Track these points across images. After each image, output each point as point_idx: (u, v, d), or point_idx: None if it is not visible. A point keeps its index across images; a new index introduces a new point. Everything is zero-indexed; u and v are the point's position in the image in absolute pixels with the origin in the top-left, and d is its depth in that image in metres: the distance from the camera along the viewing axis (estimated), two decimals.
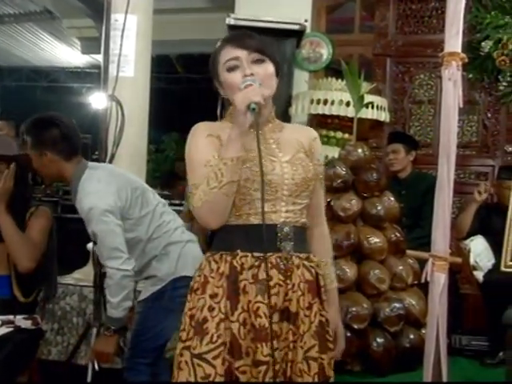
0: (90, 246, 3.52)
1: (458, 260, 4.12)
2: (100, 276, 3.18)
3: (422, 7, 5.49)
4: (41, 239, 2.94)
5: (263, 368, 1.79)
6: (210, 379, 1.77)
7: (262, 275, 1.82)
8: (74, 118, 3.08)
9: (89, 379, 3.05)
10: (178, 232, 3.01)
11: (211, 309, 1.83)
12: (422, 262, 3.02)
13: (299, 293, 1.87)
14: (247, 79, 1.84)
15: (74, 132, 2.98)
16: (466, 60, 2.61)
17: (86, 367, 3.10)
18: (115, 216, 2.79)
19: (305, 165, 1.95)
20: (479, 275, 4.20)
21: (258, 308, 1.82)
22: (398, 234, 3.85)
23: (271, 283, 1.83)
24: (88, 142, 10.19)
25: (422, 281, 2.72)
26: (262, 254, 1.82)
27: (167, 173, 9.23)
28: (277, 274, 1.85)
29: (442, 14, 5.16)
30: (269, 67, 1.90)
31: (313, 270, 1.93)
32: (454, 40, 2.58)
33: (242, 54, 1.88)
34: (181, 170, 8.27)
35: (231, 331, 1.80)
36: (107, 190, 2.83)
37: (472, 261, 4.27)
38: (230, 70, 1.89)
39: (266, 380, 1.78)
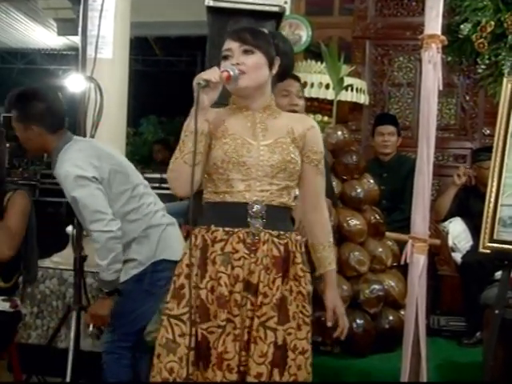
0: (69, 229, 3.49)
1: (437, 242, 4.15)
2: (80, 260, 3.16)
3: None
4: (20, 226, 2.91)
5: (220, 330, 2.00)
6: (185, 337, 2.00)
7: (228, 248, 2.04)
8: None
9: (69, 363, 3.03)
10: (158, 215, 3.02)
11: (188, 276, 2.04)
12: (402, 244, 3.05)
13: (262, 267, 2.03)
14: (227, 66, 2.04)
15: (59, 105, 2.98)
16: (446, 42, 2.62)
17: (67, 351, 3.09)
18: (92, 182, 2.78)
19: (285, 148, 2.10)
20: (457, 257, 4.25)
21: (220, 277, 2.03)
22: (378, 217, 3.87)
23: (236, 256, 2.03)
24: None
25: (402, 263, 2.74)
26: (231, 229, 2.04)
27: (146, 156, 9.19)
28: (242, 247, 2.04)
29: None
30: (256, 58, 2.08)
31: (281, 247, 2.07)
32: (434, 22, 2.59)
33: (234, 45, 2.08)
34: (157, 153, 8.22)
35: (200, 297, 2.02)
36: (84, 159, 2.83)
37: (450, 242, 4.31)
38: (224, 58, 2.10)
39: (222, 339, 1.99)
